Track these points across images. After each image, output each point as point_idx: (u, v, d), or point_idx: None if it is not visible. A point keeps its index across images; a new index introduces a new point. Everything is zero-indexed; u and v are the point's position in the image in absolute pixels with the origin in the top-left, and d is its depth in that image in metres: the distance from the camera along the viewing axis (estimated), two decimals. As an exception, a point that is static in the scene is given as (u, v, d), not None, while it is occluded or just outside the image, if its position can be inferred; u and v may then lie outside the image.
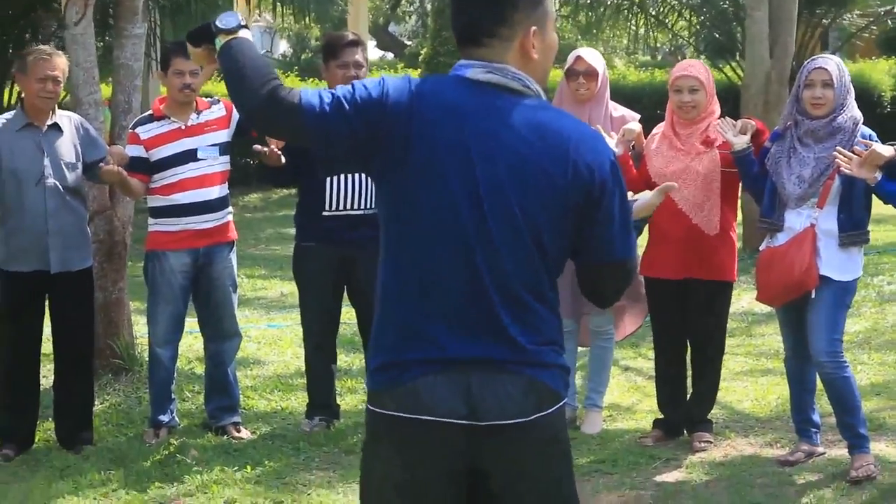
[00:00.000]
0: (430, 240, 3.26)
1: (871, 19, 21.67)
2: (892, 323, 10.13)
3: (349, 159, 3.41)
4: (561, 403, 3.36)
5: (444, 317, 3.26)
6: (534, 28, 3.34)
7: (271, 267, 13.17)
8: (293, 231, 7.58)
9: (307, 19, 16.75)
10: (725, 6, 19.55)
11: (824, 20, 19.13)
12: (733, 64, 19.28)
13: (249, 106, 3.29)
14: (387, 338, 3.32)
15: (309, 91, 3.28)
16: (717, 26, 19.91)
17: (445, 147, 3.25)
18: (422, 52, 22.24)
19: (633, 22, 20.71)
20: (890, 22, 24.45)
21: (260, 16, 27.91)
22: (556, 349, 3.37)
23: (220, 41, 3.40)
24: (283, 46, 44.68)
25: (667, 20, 20.89)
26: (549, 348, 3.34)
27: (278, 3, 15.58)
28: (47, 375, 7.50)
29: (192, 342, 8.80)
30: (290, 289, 12.26)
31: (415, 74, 18.70)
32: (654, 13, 20.41)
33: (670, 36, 25.12)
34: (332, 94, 3.27)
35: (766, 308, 10.26)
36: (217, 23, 3.43)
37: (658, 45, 32.79)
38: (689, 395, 7.14)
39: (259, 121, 3.37)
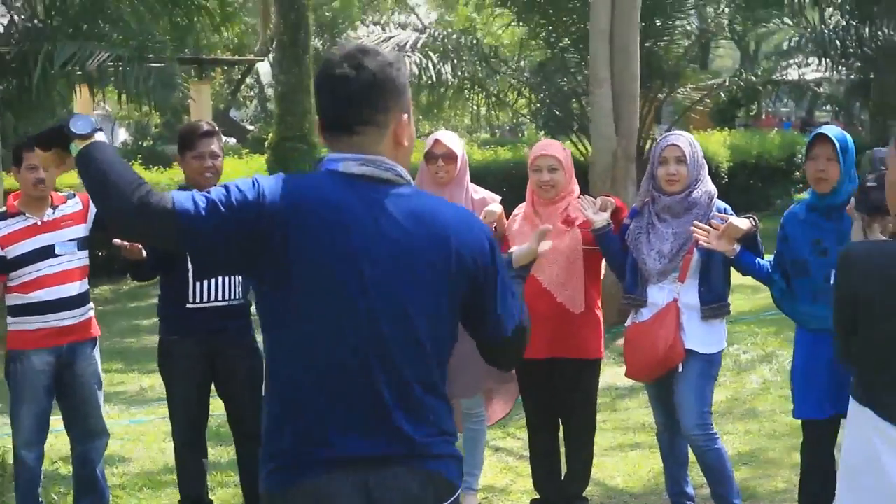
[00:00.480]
0: (321, 342, 3.24)
1: (705, 92, 22.22)
2: (752, 391, 10.34)
3: (229, 264, 3.40)
4: (457, 494, 3.39)
5: (338, 417, 3.25)
6: (405, 115, 3.38)
7: (128, 361, 12.95)
8: (146, 323, 7.53)
9: (147, 107, 16.60)
10: (563, 84, 19.89)
11: (660, 95, 19.54)
12: (574, 139, 19.60)
13: (119, 214, 3.19)
14: (282, 440, 3.29)
15: (182, 195, 3.21)
16: (556, 103, 20.23)
17: (330, 250, 3.24)
18: (266, 137, 22.19)
19: (473, 101, 20.92)
20: (723, 94, 25.19)
21: (97, 105, 27.60)
22: (449, 439, 3.40)
23: (75, 147, 3.34)
24: (122, 135, 44.28)
25: (507, 98, 21.15)
26: (441, 439, 3.36)
27: (127, 94, 15.42)
28: None
29: (56, 443, 8.59)
30: (149, 382, 12.10)
31: (260, 160, 18.59)
32: (494, 92, 20.65)
33: (510, 114, 25.52)
34: (207, 198, 3.21)
35: (628, 382, 10.45)
36: (71, 128, 3.36)
37: (499, 122, 33.27)
38: (563, 474, 7.17)
39: (130, 228, 3.27)
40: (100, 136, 3.32)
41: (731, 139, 26.71)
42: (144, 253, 6.83)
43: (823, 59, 25.91)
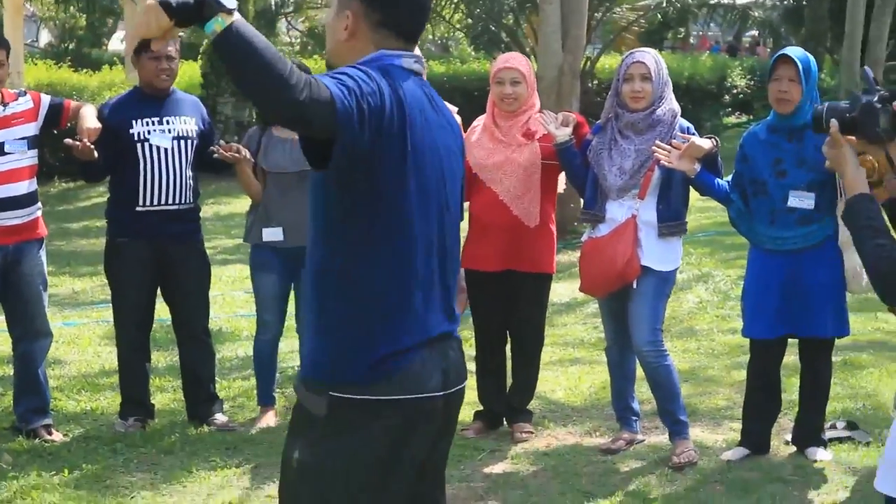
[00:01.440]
0: (411, 229, 3.39)
1: (641, 13, 22.22)
2: (689, 310, 10.43)
3: (360, 160, 3.29)
4: None
5: (425, 301, 3.43)
6: None
7: (58, 263, 12.76)
8: (76, 226, 7.46)
9: (73, 8, 16.34)
10: (502, -1, 19.80)
11: (596, 14, 19.49)
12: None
13: (285, 104, 3.05)
14: (380, 328, 3.39)
15: (331, 83, 3.13)
16: (491, 19, 20.14)
17: (430, 145, 3.40)
18: (202, 43, 21.90)
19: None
20: (660, 16, 25.21)
21: (26, 4, 27.09)
22: None
23: (221, 21, 3.02)
24: (46, 36, 43.53)
25: (444, 12, 21.04)
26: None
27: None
28: None
29: (-4, 342, 8.50)
30: (81, 286, 11.98)
31: (195, 66, 18.29)
32: (431, 5, 20.52)
33: (442, 28, 25.40)
34: (349, 88, 3.17)
35: (566, 297, 10.54)
36: (212, 2, 3.05)
37: (431, 38, 33.07)
38: (509, 387, 7.19)
39: (291, 120, 3.15)
40: (238, 16, 3.07)
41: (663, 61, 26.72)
42: (96, 154, 6.72)
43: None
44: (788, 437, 6.76)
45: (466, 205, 7.01)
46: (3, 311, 7.19)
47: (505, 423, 7.16)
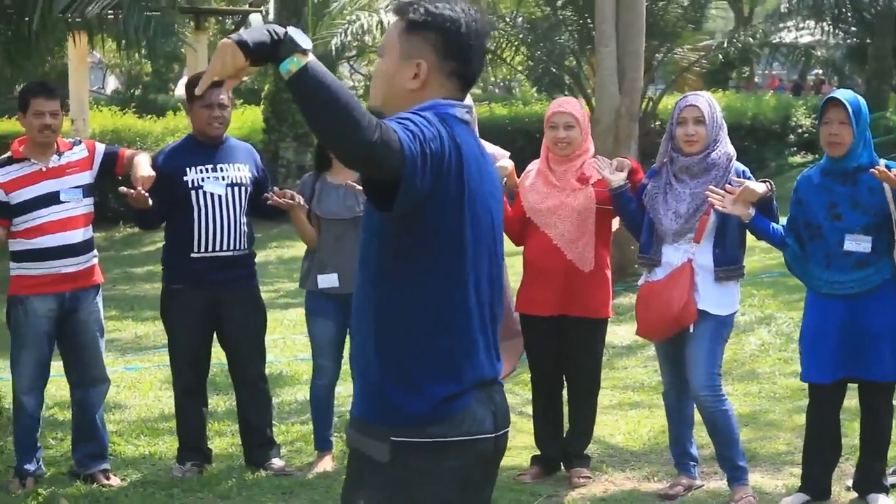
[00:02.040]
0: (466, 271, 3.42)
1: (702, 53, 22.12)
2: (751, 353, 10.31)
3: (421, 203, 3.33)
4: None
5: (478, 341, 3.46)
6: None
7: (122, 308, 12.90)
8: (140, 270, 7.54)
9: (138, 55, 16.47)
10: (562, 41, 19.76)
11: (657, 54, 19.43)
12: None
13: (358, 146, 3.05)
14: (441, 368, 3.40)
15: (398, 127, 3.16)
16: (552, 61, 20.12)
17: (480, 191, 3.43)
18: (262, 88, 22.09)
19: (468, 56, 20.78)
20: (721, 56, 25.08)
21: (92, 52, 27.44)
22: None
23: (297, 61, 3.03)
24: (113, 83, 44.05)
25: (504, 55, 21.05)
26: None
27: (109, 41, 15.25)
28: None
29: (51, 388, 8.51)
30: (143, 330, 12.05)
31: (256, 111, 18.48)
32: (492, 48, 20.53)
33: (507, 70, 25.42)
34: (413, 133, 3.19)
35: (626, 340, 10.46)
36: (296, 40, 3.07)
37: (494, 79, 33.16)
38: (566, 431, 7.15)
39: (366, 162, 3.13)
40: (312, 56, 3.08)
41: (725, 101, 26.63)
42: (150, 201, 6.76)
43: (819, 23, 25.81)
44: (850, 482, 6.65)
45: (521, 249, 7.06)
46: (60, 356, 7.23)
47: (562, 467, 7.11)
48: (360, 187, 6.52)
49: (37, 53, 15.04)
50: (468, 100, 3.58)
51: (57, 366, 7.38)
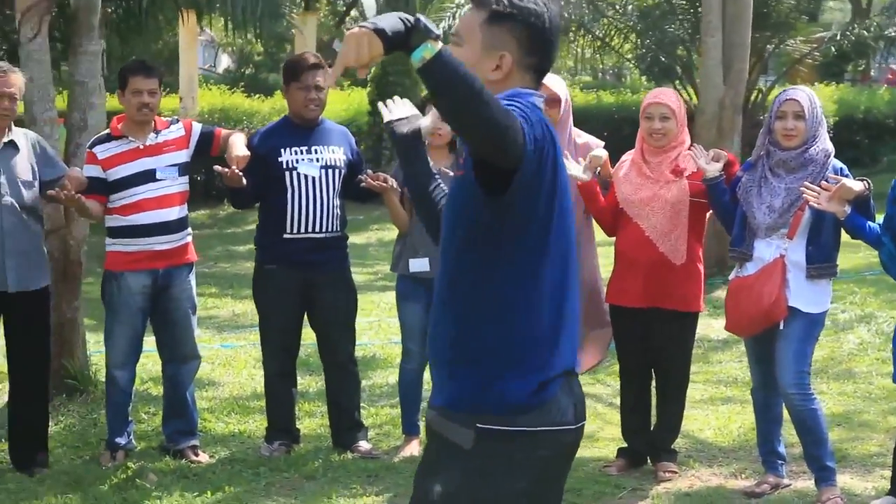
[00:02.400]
0: (555, 258, 3.41)
1: (815, 45, 21.79)
2: (849, 351, 10.14)
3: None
4: None
5: (561, 330, 3.44)
6: None
7: (222, 285, 13.03)
8: (242, 249, 7.58)
9: (250, 35, 16.64)
10: (671, 30, 19.57)
11: (768, 46, 19.18)
12: (678, 87, 19.29)
13: (492, 130, 3.07)
14: (532, 356, 3.39)
15: (518, 117, 3.18)
16: (661, 49, 19.94)
17: (565, 177, 3.43)
18: (370, 70, 22.20)
19: (578, 44, 20.69)
20: (833, 49, 24.69)
21: (202, 31, 27.72)
22: None
23: (431, 48, 3.02)
24: (225, 61, 44.48)
25: (612, 42, 20.90)
26: None
27: (222, 20, 15.41)
28: (1, 395, 7.32)
29: (147, 363, 8.64)
30: (241, 308, 12.16)
31: (362, 93, 18.60)
32: (600, 35, 20.40)
33: (615, 58, 25.23)
34: (524, 118, 3.21)
35: (722, 334, 10.33)
36: (428, 25, 3.08)
37: (602, 66, 32.99)
38: (653, 425, 7.09)
39: (497, 147, 3.13)
40: (440, 42, 3.09)
41: (838, 94, 26.24)
42: (245, 180, 6.81)
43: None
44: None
45: (612, 239, 7.01)
46: (153, 332, 7.32)
47: (649, 461, 7.06)
48: (452, 172, 6.51)
49: (146, 31, 15.30)
50: None
51: (151, 341, 7.48)
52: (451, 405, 3.42)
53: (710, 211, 6.82)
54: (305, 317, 7.35)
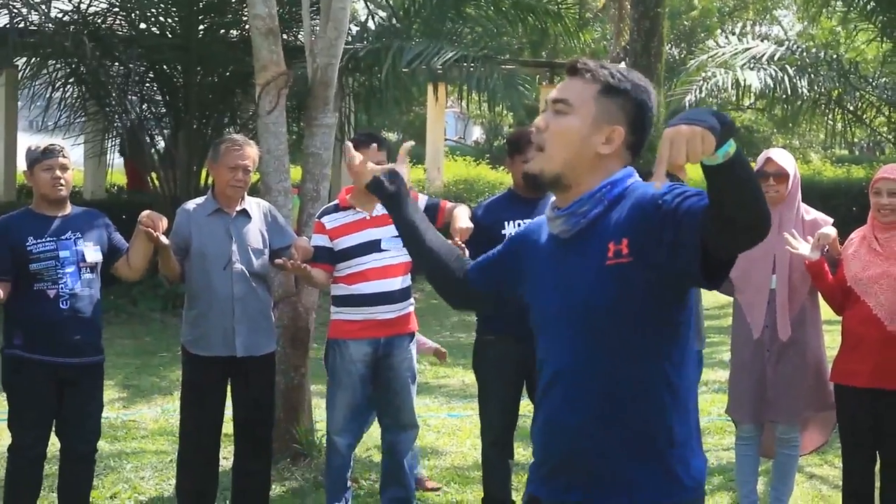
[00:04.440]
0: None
1: None
2: None
3: None
4: None
5: None
6: None
7: (454, 355, 13.14)
8: (474, 319, 7.55)
9: (498, 107, 16.86)
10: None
11: None
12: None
13: (768, 222, 3.04)
14: (698, 439, 3.45)
15: None
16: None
17: None
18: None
19: (829, 117, 20.36)
20: None
21: (452, 104, 28.23)
22: None
23: (733, 143, 2.92)
24: (476, 132, 45.11)
25: (864, 116, 20.50)
26: None
27: (468, 93, 15.65)
28: (227, 457, 7.52)
29: (374, 431, 8.74)
30: (471, 378, 12.17)
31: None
32: (851, 108, 20.03)
33: (868, 132, 24.70)
34: None
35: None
36: (728, 121, 2.94)
37: (856, 140, 32.30)
38: (877, 510, 6.86)
39: (760, 238, 3.08)
40: None
41: None
42: (466, 253, 6.86)
43: None
44: None
45: (838, 318, 6.84)
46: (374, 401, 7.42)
47: (872, 549, 6.83)
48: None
49: (391, 102, 15.67)
50: None
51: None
52: (648, 500, 3.33)
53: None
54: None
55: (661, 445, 3.31)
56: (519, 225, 7.15)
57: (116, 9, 16.34)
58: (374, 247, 7.15)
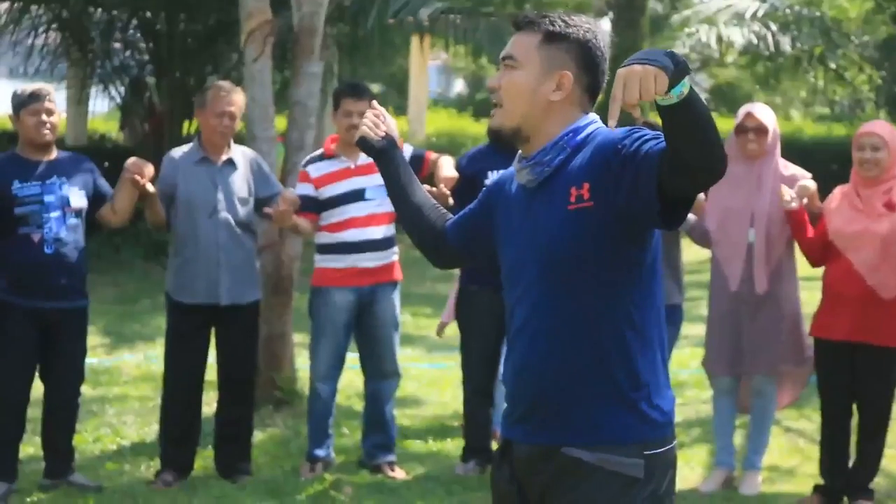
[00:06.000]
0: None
1: None
2: None
3: None
4: None
5: None
6: None
7: (436, 306, 13.15)
8: (458, 271, 7.59)
9: (483, 60, 16.84)
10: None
11: None
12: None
13: (724, 160, 3.07)
14: (665, 376, 3.47)
15: None
16: (896, 81, 19.55)
17: None
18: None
19: (811, 74, 20.39)
20: None
21: (436, 55, 28.16)
22: None
23: (685, 83, 2.95)
24: (458, 86, 44.98)
25: (846, 74, 20.53)
26: None
27: (453, 44, 15.62)
28: (210, 404, 7.58)
29: (354, 379, 8.82)
30: (453, 329, 12.25)
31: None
32: (833, 66, 20.07)
33: (850, 90, 24.74)
34: None
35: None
36: (685, 60, 3.04)
37: (837, 98, 32.33)
38: (852, 462, 6.94)
39: (718, 177, 3.11)
40: None
41: None
42: (451, 201, 6.90)
43: None
44: None
45: (818, 272, 6.91)
46: (357, 349, 7.47)
47: (846, 499, 6.91)
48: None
49: (377, 53, 15.63)
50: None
51: (356, 356, 7.64)
52: (615, 439, 3.35)
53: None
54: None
55: (627, 385, 3.34)
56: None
57: (101, -46, 16.26)
58: (358, 195, 7.19)
